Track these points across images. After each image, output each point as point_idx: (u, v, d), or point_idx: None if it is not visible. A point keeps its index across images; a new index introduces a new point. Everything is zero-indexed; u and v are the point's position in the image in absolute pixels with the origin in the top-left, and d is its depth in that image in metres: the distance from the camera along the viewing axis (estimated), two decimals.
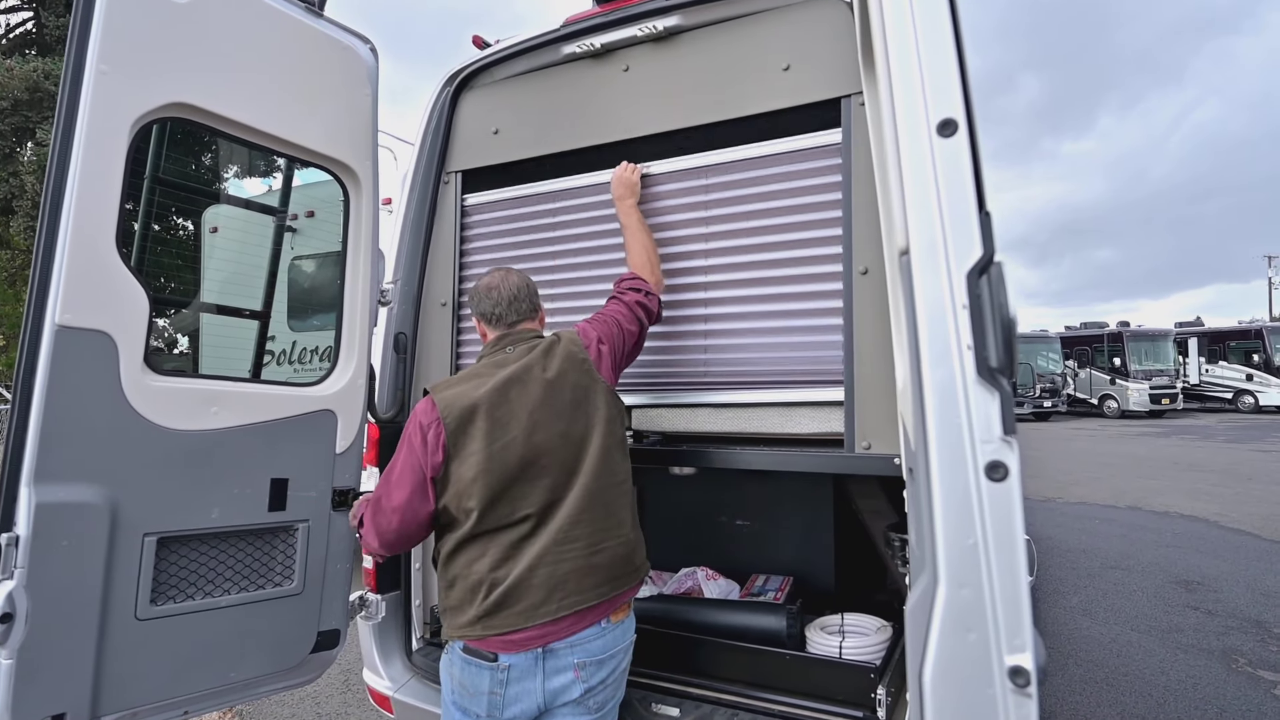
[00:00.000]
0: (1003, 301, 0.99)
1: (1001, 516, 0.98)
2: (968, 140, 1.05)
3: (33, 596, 1.60)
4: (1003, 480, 0.98)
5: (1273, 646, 4.10)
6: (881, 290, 1.75)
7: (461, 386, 1.70)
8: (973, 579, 0.99)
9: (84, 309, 1.70)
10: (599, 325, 1.89)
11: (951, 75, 1.06)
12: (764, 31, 2.01)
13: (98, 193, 1.74)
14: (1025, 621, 0.97)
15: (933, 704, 1.01)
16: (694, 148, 2.15)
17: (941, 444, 1.01)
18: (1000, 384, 0.99)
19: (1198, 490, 8.96)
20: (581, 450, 1.70)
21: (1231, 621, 4.49)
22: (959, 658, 0.99)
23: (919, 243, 1.06)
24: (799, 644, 2.06)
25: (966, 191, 1.04)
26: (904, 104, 1.09)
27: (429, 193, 2.51)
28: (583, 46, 2.24)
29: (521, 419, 1.65)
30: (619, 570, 1.72)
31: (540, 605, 1.62)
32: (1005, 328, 0.98)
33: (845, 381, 1.85)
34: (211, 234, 4.94)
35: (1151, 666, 3.85)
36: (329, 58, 2.33)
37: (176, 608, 1.86)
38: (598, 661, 1.67)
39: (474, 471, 1.61)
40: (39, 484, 1.62)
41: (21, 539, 1.59)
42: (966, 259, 1.02)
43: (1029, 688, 0.95)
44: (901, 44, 1.10)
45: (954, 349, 1.02)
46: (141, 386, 1.81)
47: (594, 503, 1.68)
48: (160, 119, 1.91)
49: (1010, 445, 0.99)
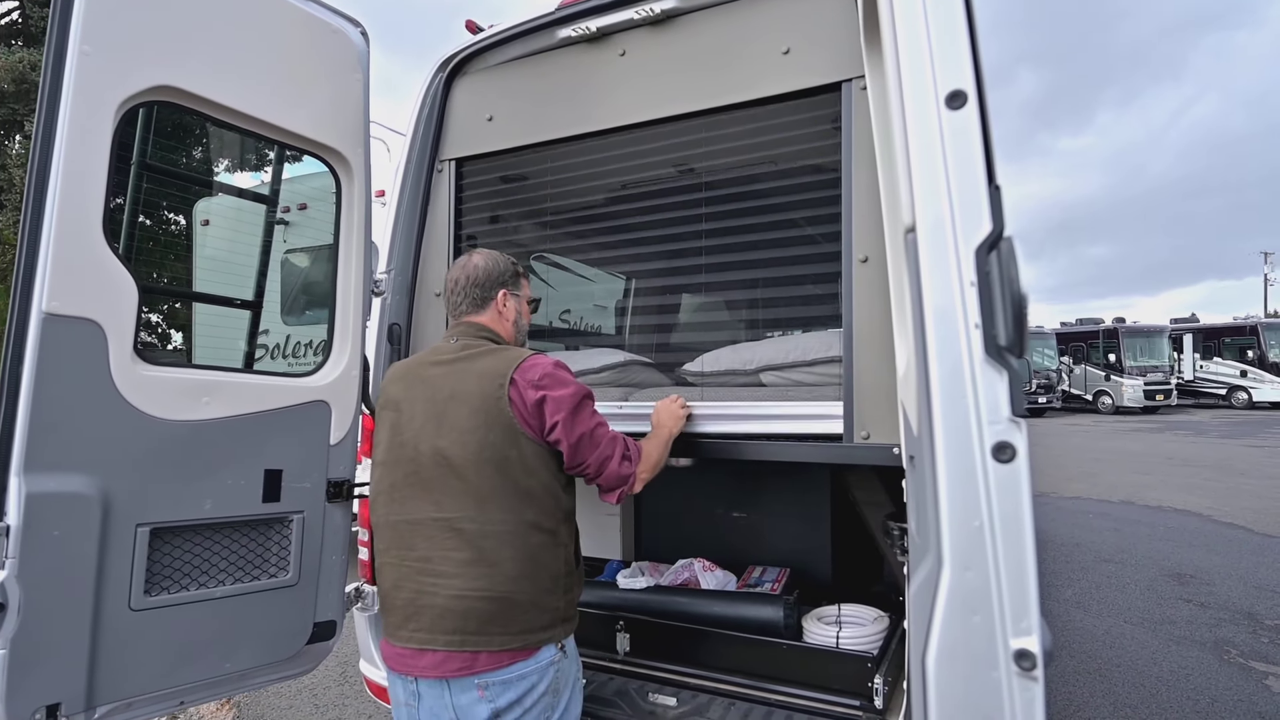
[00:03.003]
0: (1013, 277, 0.96)
1: (1009, 498, 0.97)
2: (978, 112, 1.02)
3: (25, 587, 1.59)
4: (1010, 462, 0.97)
5: (1264, 638, 4.13)
6: (881, 278, 1.73)
7: (406, 367, 1.75)
8: (978, 561, 0.97)
9: (71, 297, 1.67)
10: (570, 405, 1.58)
11: (961, 45, 1.04)
12: (763, 14, 1.98)
13: (83, 178, 1.70)
14: (1032, 604, 0.96)
15: (936, 687, 0.99)
16: (691, 132, 2.13)
17: (947, 425, 1.00)
18: (1009, 363, 0.97)
19: (1191, 485, 9.02)
20: (458, 481, 1.55)
21: (1224, 614, 4.52)
22: (963, 640, 0.98)
23: (925, 219, 1.04)
24: (796, 634, 2.05)
25: (976, 165, 1.01)
26: (911, 75, 1.06)
27: (422, 181, 2.48)
28: (578, 30, 2.21)
29: (417, 423, 1.62)
30: (486, 626, 1.50)
31: (399, 628, 1.57)
32: (1016, 304, 0.96)
33: (844, 371, 1.84)
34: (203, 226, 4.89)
35: (1144, 658, 3.87)
36: (319, 41, 2.29)
37: (171, 598, 1.84)
38: (503, 682, 1.51)
39: (378, 457, 1.67)
40: (29, 474, 1.60)
41: (12, 529, 1.58)
42: (975, 235, 1.00)
43: (1035, 671, 0.94)
44: (909, 13, 1.07)
45: (961, 327, 1.00)
46: (132, 376, 1.78)
47: (468, 540, 1.53)
48: (146, 103, 1.87)
49: (1018, 426, 0.97)
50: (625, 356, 2.37)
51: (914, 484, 1.27)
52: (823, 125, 1.95)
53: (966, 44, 1.04)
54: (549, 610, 1.58)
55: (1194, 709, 3.33)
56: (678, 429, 1.90)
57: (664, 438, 1.84)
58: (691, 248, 2.17)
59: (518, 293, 1.84)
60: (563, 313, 3.44)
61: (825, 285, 2.01)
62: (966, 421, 0.99)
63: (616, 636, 2.11)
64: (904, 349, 1.52)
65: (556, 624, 1.60)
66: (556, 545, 1.61)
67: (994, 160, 1.01)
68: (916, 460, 1.19)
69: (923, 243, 1.04)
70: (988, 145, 1.02)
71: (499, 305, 1.78)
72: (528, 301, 1.89)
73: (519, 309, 1.84)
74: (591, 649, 2.15)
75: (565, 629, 1.63)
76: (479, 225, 2.61)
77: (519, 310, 1.83)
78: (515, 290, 1.83)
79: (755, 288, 2.24)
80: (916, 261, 1.05)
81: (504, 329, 1.79)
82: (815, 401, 1.91)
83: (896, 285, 1.58)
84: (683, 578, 2.44)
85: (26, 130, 12.86)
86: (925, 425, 1.04)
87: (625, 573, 2.42)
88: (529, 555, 1.55)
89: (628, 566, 2.51)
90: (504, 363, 1.60)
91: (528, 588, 1.54)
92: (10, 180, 13.14)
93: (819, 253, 1.98)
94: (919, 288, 1.05)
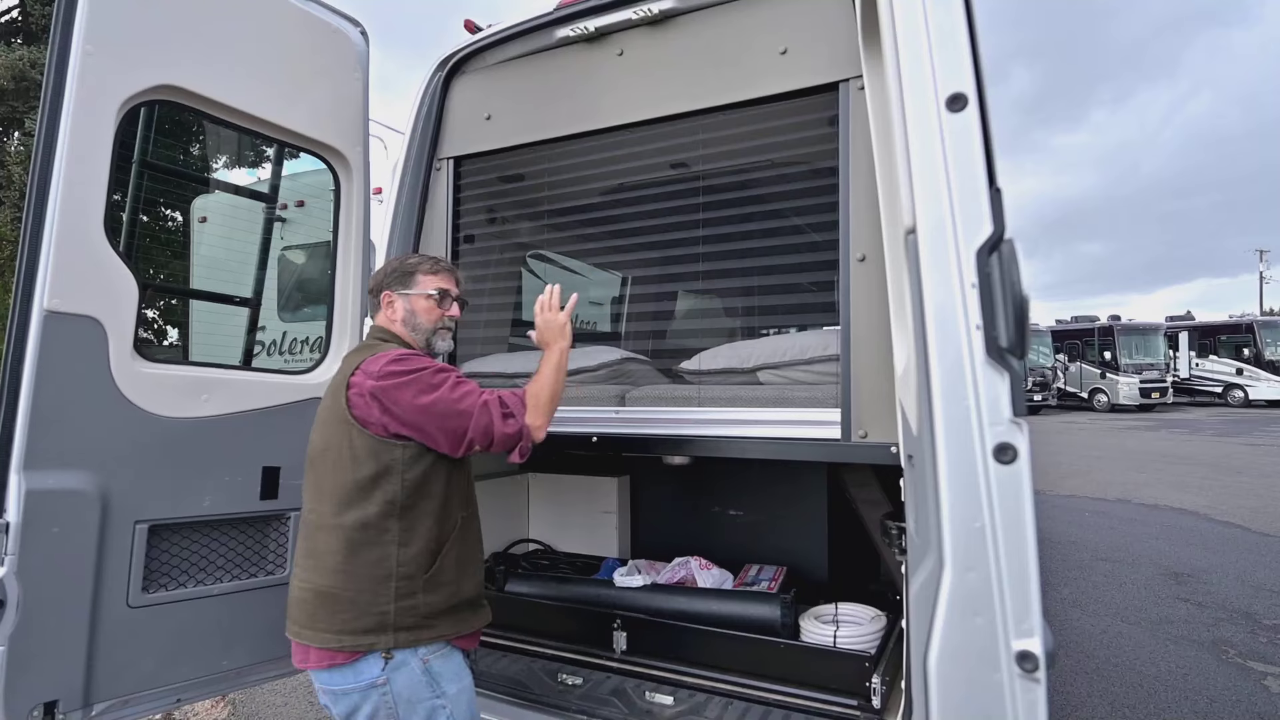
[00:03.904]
0: (1015, 280, 0.97)
1: (1010, 499, 0.97)
2: (978, 115, 1.02)
3: (24, 583, 1.60)
4: (1011, 463, 0.97)
5: (1263, 638, 4.12)
6: (878, 277, 1.74)
7: None
8: (980, 563, 0.98)
9: (72, 294, 1.69)
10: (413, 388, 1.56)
11: (962, 48, 1.04)
12: (761, 14, 1.98)
13: (85, 176, 1.72)
14: (1034, 606, 0.96)
15: (938, 689, 0.99)
16: (689, 132, 2.13)
17: (948, 426, 1.00)
18: (1010, 364, 0.98)
19: (1187, 483, 9.02)
20: (313, 475, 1.65)
21: (1221, 613, 4.52)
22: (965, 642, 0.98)
23: (926, 221, 1.04)
24: (793, 633, 2.05)
25: (976, 168, 1.02)
26: (911, 78, 1.06)
27: (420, 180, 2.48)
28: (576, 30, 2.21)
29: (316, 421, 1.70)
30: (312, 620, 1.55)
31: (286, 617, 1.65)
32: (1018, 306, 0.96)
33: (841, 369, 1.84)
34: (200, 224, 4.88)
35: (1142, 658, 3.87)
36: (319, 41, 2.30)
37: (168, 595, 1.85)
38: (331, 693, 1.56)
39: None
40: (29, 470, 1.61)
41: (11, 525, 1.59)
42: (976, 237, 1.00)
43: (1037, 673, 0.94)
44: (909, 16, 1.07)
45: (962, 329, 1.00)
46: (131, 373, 1.79)
47: (308, 531, 1.64)
48: (148, 102, 1.89)
49: (1020, 427, 0.97)
50: (621, 354, 2.37)
51: (913, 484, 1.27)
52: (820, 125, 1.95)
53: (967, 46, 1.04)
54: (373, 613, 1.53)
55: (1192, 709, 3.33)
56: (567, 341, 1.79)
57: (553, 362, 1.73)
58: (689, 248, 2.18)
59: (406, 292, 1.80)
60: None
61: (822, 284, 2.02)
62: (967, 423, 0.99)
63: (613, 634, 2.12)
64: (903, 348, 1.52)
65: (385, 630, 1.53)
66: (384, 542, 1.56)
67: (995, 163, 1.01)
68: (917, 460, 1.19)
69: (923, 244, 1.04)
70: (988, 148, 1.02)
71: (384, 306, 1.81)
72: (432, 296, 1.80)
73: (409, 308, 1.80)
74: (588, 647, 2.16)
75: (399, 639, 1.53)
76: (477, 223, 2.61)
77: (409, 309, 1.79)
78: (403, 289, 1.80)
79: (752, 287, 2.25)
80: (917, 263, 1.05)
81: (396, 329, 1.80)
82: (812, 408, 1.91)
83: (895, 284, 1.58)
84: (679, 576, 2.44)
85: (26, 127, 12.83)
86: (926, 426, 1.04)
87: (622, 570, 2.42)
88: (350, 550, 1.55)
89: (624, 564, 2.51)
90: (358, 359, 1.64)
91: (346, 583, 1.54)
92: (10, 177, 13.10)
93: (816, 252, 1.98)
94: (919, 289, 1.05)
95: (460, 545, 1.67)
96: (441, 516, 1.63)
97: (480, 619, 1.73)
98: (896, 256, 1.54)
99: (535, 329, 1.84)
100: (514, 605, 2.35)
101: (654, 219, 2.23)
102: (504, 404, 1.62)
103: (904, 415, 1.46)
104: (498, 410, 1.61)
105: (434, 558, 1.60)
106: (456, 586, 1.63)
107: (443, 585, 1.61)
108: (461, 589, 1.65)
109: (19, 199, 13.07)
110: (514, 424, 1.62)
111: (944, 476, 1.00)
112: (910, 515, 1.42)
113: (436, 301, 1.81)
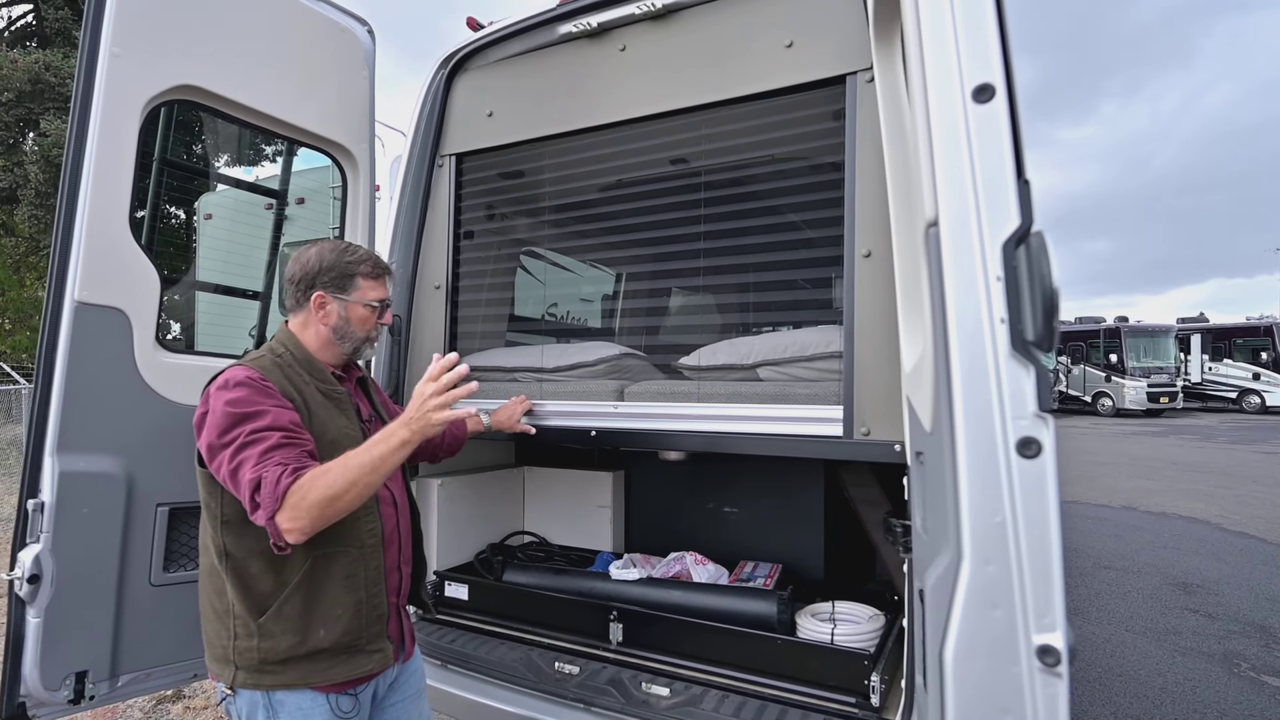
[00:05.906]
0: (1045, 272, 0.95)
1: (1033, 494, 0.96)
2: (1006, 106, 1.01)
3: (57, 560, 1.71)
4: (1035, 457, 0.96)
5: (1278, 652, 3.98)
6: (884, 273, 1.72)
7: None
8: (999, 556, 0.97)
9: (100, 287, 1.79)
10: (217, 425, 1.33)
11: (990, 36, 1.02)
12: (766, 8, 1.98)
13: (112, 173, 1.80)
14: (1056, 600, 0.95)
15: (954, 681, 0.98)
16: (693, 128, 2.13)
17: (969, 420, 0.99)
18: (1035, 358, 0.97)
19: (1197, 491, 8.84)
20: None
21: (1234, 625, 4.38)
22: (983, 635, 0.97)
23: (949, 213, 1.03)
24: (789, 630, 2.05)
25: (1004, 160, 1.00)
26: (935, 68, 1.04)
27: (423, 176, 2.50)
28: (579, 26, 2.22)
29: None
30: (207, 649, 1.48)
31: None
32: (1047, 299, 0.95)
33: (844, 367, 1.83)
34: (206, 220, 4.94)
35: (1147, 668, 3.79)
36: (328, 40, 2.34)
37: (187, 575, 1.95)
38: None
39: None
40: (61, 454, 1.72)
41: (47, 505, 1.70)
42: (1002, 230, 0.99)
43: (1059, 667, 0.93)
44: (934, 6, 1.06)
45: (985, 323, 0.99)
46: (154, 362, 1.90)
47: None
48: (168, 101, 1.97)
49: (1045, 422, 0.96)
50: (620, 349, 2.37)
51: (928, 479, 1.26)
52: (826, 119, 1.95)
53: (996, 35, 1.02)
54: (218, 645, 1.42)
55: None
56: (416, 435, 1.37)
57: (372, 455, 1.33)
58: (692, 244, 2.18)
59: (343, 297, 1.54)
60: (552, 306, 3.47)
61: (825, 280, 2.01)
62: (989, 416, 0.98)
63: (609, 625, 2.12)
64: (912, 345, 1.50)
65: (228, 664, 1.40)
66: (215, 575, 1.43)
67: (1023, 154, 1.00)
68: (931, 456, 1.18)
69: (945, 237, 1.03)
70: (1017, 139, 1.00)
71: (314, 308, 1.53)
72: (370, 306, 1.57)
73: (344, 315, 1.54)
74: (584, 637, 2.16)
75: (240, 679, 1.39)
76: (479, 219, 2.63)
77: (344, 316, 1.54)
78: (340, 293, 1.53)
79: (754, 283, 2.24)
80: (939, 256, 1.04)
81: (315, 335, 1.54)
82: (813, 405, 1.90)
83: (903, 280, 1.56)
84: (674, 570, 2.44)
85: (42, 128, 13.00)
86: (945, 420, 1.03)
87: (617, 564, 2.42)
88: (203, 577, 1.48)
89: (619, 558, 2.51)
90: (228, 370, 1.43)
91: (203, 609, 1.47)
92: (26, 176, 13.28)
93: (820, 248, 1.98)
94: (940, 282, 1.03)
95: (311, 589, 1.40)
96: (275, 559, 1.38)
97: (356, 666, 1.44)
98: (906, 252, 1.52)
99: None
100: (510, 594, 2.36)
101: (657, 215, 2.24)
102: (257, 489, 1.28)
103: (912, 413, 1.44)
104: (248, 493, 1.29)
105: (266, 602, 1.39)
106: (303, 636, 1.39)
107: (282, 634, 1.38)
108: (311, 638, 1.39)
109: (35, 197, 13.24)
110: (260, 515, 1.29)
111: (963, 470, 0.99)
112: (917, 512, 1.40)
113: (375, 311, 1.58)
